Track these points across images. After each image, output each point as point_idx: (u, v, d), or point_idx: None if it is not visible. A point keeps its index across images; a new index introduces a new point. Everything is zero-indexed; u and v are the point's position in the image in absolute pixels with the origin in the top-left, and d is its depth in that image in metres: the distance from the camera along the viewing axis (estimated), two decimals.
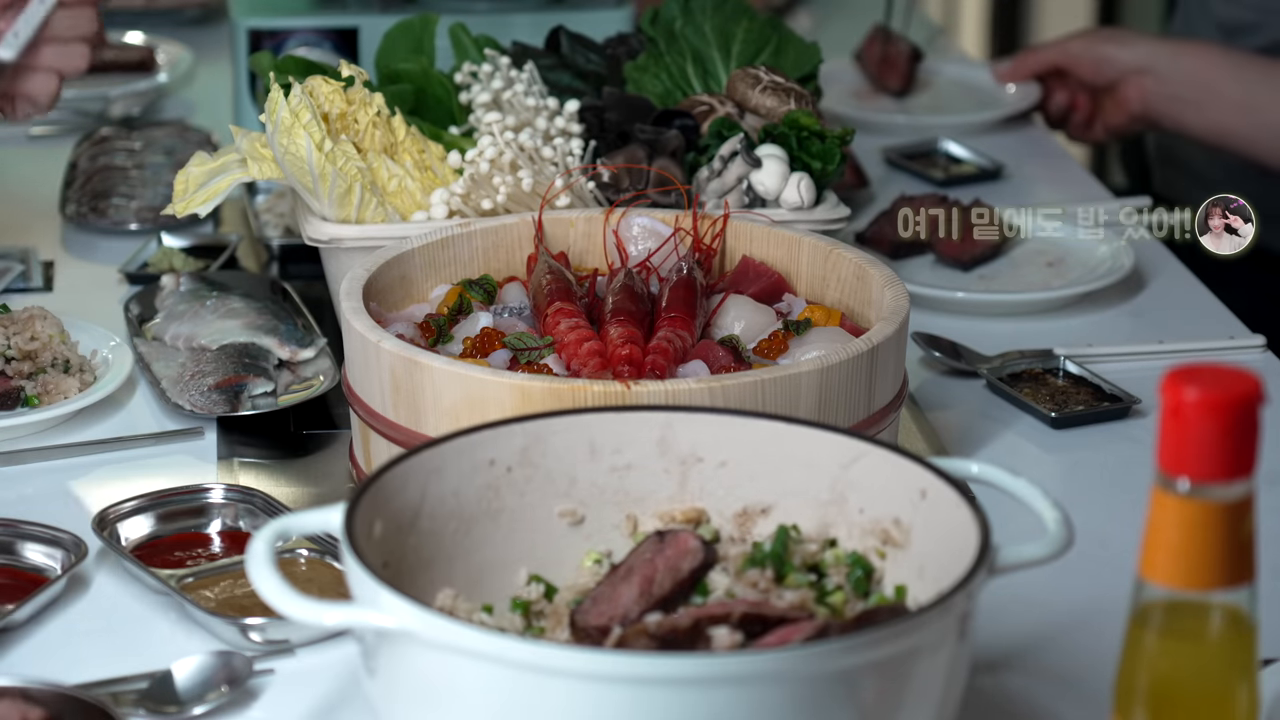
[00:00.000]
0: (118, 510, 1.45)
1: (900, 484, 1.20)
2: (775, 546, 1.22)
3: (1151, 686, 0.94)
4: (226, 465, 1.60)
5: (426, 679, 1.05)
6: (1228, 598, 0.93)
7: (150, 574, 1.37)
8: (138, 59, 2.83)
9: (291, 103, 1.67)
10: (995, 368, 1.75)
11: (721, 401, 1.33)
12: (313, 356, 1.76)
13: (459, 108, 1.88)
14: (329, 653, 1.28)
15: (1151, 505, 0.93)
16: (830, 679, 1.01)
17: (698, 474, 1.27)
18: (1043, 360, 1.77)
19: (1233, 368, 0.92)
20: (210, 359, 1.73)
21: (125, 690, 1.24)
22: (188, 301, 1.85)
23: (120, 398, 1.69)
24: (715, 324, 1.55)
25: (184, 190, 1.79)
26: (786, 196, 1.80)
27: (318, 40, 2.31)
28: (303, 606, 1.05)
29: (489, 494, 1.24)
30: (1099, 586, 1.36)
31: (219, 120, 2.48)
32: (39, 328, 1.70)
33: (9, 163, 2.48)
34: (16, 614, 1.33)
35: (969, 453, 1.62)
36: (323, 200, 1.70)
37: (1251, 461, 0.91)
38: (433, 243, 1.61)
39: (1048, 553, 1.12)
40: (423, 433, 1.38)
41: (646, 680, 0.99)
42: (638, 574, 1.17)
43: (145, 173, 2.28)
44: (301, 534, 1.14)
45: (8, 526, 1.43)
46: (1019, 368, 1.75)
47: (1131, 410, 1.68)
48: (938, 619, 1.04)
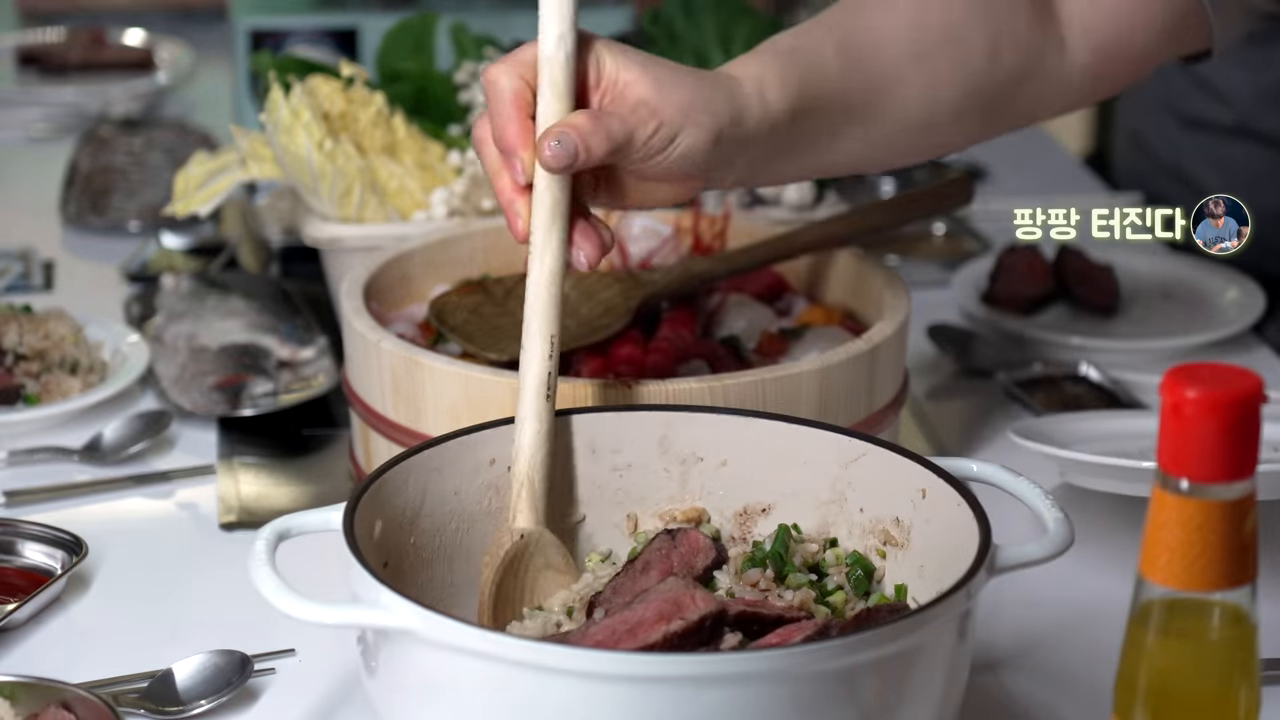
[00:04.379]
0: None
1: (901, 483, 1.20)
2: (775, 546, 1.22)
3: (1152, 686, 0.94)
4: (226, 465, 1.60)
5: (426, 678, 1.05)
6: (1228, 597, 0.93)
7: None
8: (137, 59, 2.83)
9: (291, 102, 1.67)
10: (1014, 370, 1.74)
11: (722, 401, 1.33)
12: (313, 356, 1.76)
13: (459, 107, 1.88)
14: (329, 653, 1.28)
15: (1152, 505, 0.93)
16: (830, 678, 1.01)
17: (698, 473, 1.27)
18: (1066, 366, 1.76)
19: (1234, 367, 0.92)
20: (210, 359, 1.73)
21: (125, 690, 1.24)
22: (188, 301, 1.85)
23: (121, 398, 1.69)
24: (715, 324, 1.55)
25: (184, 190, 1.80)
26: (787, 196, 1.80)
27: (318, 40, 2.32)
28: (303, 607, 1.05)
29: (489, 493, 1.24)
30: (1099, 586, 1.36)
31: (219, 120, 2.48)
32: (52, 327, 1.70)
33: (9, 163, 2.48)
34: (16, 614, 1.33)
35: (971, 453, 1.62)
36: (323, 200, 1.70)
37: (1252, 461, 0.91)
38: (433, 243, 1.61)
39: (1048, 553, 1.11)
40: (423, 432, 1.38)
41: (646, 679, 0.99)
42: (655, 567, 1.17)
43: (145, 173, 2.28)
44: (301, 534, 1.14)
45: (8, 526, 1.43)
46: (1039, 373, 1.75)
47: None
48: (938, 618, 1.04)
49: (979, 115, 1.40)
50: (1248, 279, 1.91)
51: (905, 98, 1.34)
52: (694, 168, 1.23)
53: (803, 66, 1.30)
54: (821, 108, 1.30)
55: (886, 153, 1.38)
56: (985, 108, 1.39)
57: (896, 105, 1.34)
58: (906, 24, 1.36)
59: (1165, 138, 2.37)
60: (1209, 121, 2.31)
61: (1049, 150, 2.51)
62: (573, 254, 1.21)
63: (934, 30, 1.36)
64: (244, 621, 1.31)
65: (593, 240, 1.22)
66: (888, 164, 1.42)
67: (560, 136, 1.18)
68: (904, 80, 1.34)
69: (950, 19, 1.37)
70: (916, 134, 1.37)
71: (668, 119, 1.21)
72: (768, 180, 1.34)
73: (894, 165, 1.43)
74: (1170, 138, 2.36)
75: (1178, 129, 2.36)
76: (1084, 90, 1.44)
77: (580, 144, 1.18)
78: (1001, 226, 2.11)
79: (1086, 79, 1.42)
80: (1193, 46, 1.45)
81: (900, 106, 1.34)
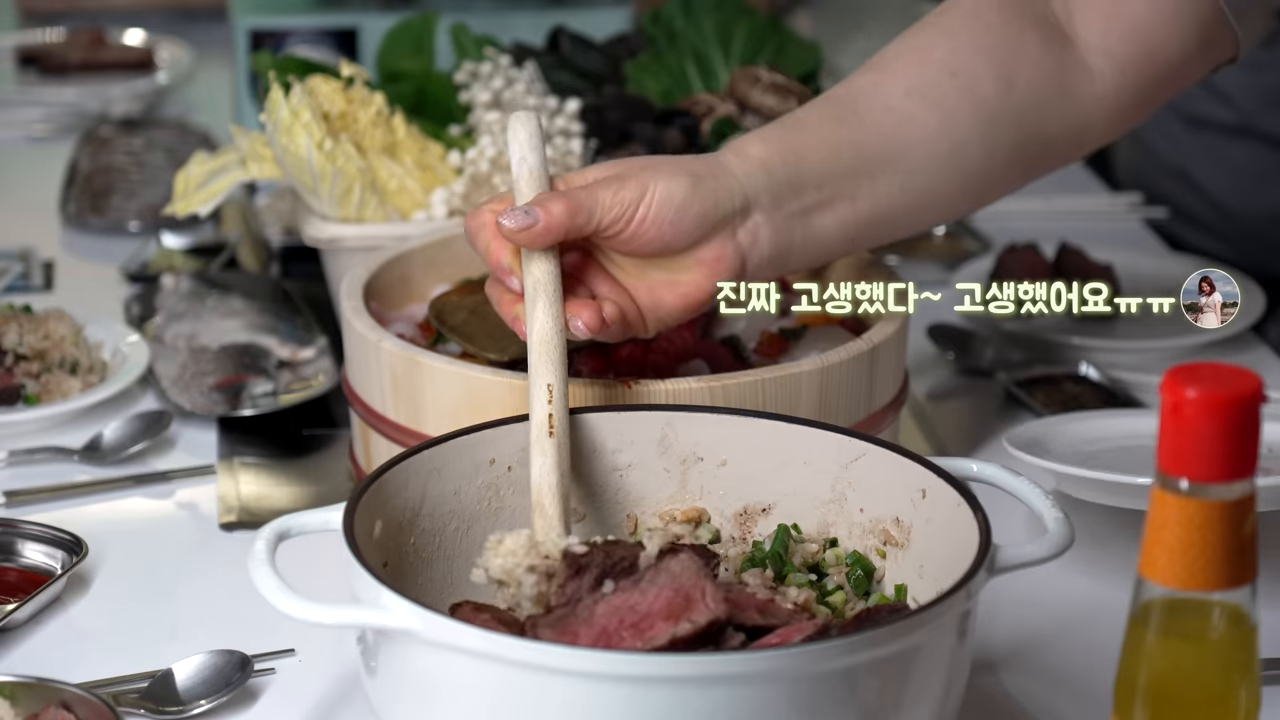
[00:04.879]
0: None
1: (901, 483, 1.20)
2: (775, 546, 1.22)
3: (1151, 686, 0.94)
4: (226, 465, 1.60)
5: (426, 678, 1.05)
6: (1228, 597, 0.93)
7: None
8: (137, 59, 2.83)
9: (292, 102, 1.67)
10: (1014, 370, 1.74)
11: (722, 401, 1.33)
12: (313, 356, 1.76)
13: (459, 107, 1.88)
14: (329, 653, 1.28)
15: (1152, 505, 0.93)
16: (831, 678, 1.01)
17: (698, 473, 1.27)
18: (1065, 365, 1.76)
19: (1234, 367, 0.92)
20: (210, 359, 1.73)
21: (125, 690, 1.24)
22: (188, 301, 1.85)
23: (121, 398, 1.69)
24: (715, 324, 1.55)
25: (184, 190, 1.80)
26: None
27: (318, 40, 2.32)
28: (303, 607, 1.05)
29: (489, 493, 1.24)
30: (1099, 586, 1.36)
31: (219, 120, 2.49)
32: (52, 327, 1.70)
33: (9, 163, 2.48)
34: (17, 614, 1.33)
35: (971, 453, 1.62)
36: (323, 200, 1.70)
37: (1252, 461, 0.91)
38: (433, 243, 1.61)
39: (1048, 553, 1.12)
40: (423, 432, 1.38)
41: (646, 679, 0.99)
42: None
43: (145, 173, 2.28)
44: (301, 534, 1.14)
45: (8, 526, 1.43)
46: (1039, 373, 1.74)
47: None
48: (938, 618, 1.04)
49: (1013, 149, 1.39)
50: (1248, 279, 1.91)
51: (922, 135, 1.34)
52: (693, 222, 1.26)
53: (783, 124, 1.33)
54: (824, 156, 1.31)
55: (928, 198, 1.37)
56: (1018, 140, 1.38)
57: (915, 144, 1.34)
58: (896, 72, 1.36)
59: (1167, 137, 2.37)
60: (1212, 121, 2.31)
61: None
62: (570, 323, 1.24)
63: (930, 69, 1.36)
64: (244, 621, 1.31)
65: (590, 309, 1.25)
66: (940, 215, 1.41)
67: (519, 209, 1.24)
68: (912, 118, 1.34)
69: (945, 56, 1.37)
70: (954, 174, 1.36)
71: (632, 174, 1.26)
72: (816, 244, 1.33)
73: (950, 216, 1.44)
74: (1172, 137, 2.36)
75: (1180, 128, 2.35)
76: (1124, 110, 1.43)
77: (540, 209, 1.24)
78: (1001, 226, 2.11)
79: (1123, 99, 1.41)
80: (1222, 56, 1.45)
81: (920, 146, 1.34)
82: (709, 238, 1.27)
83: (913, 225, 1.38)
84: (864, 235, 1.35)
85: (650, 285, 1.29)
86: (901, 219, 1.36)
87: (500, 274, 1.27)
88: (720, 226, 1.27)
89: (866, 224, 1.34)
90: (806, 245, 1.32)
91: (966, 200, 1.41)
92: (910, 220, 1.37)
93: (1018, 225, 2.11)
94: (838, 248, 1.35)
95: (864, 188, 1.32)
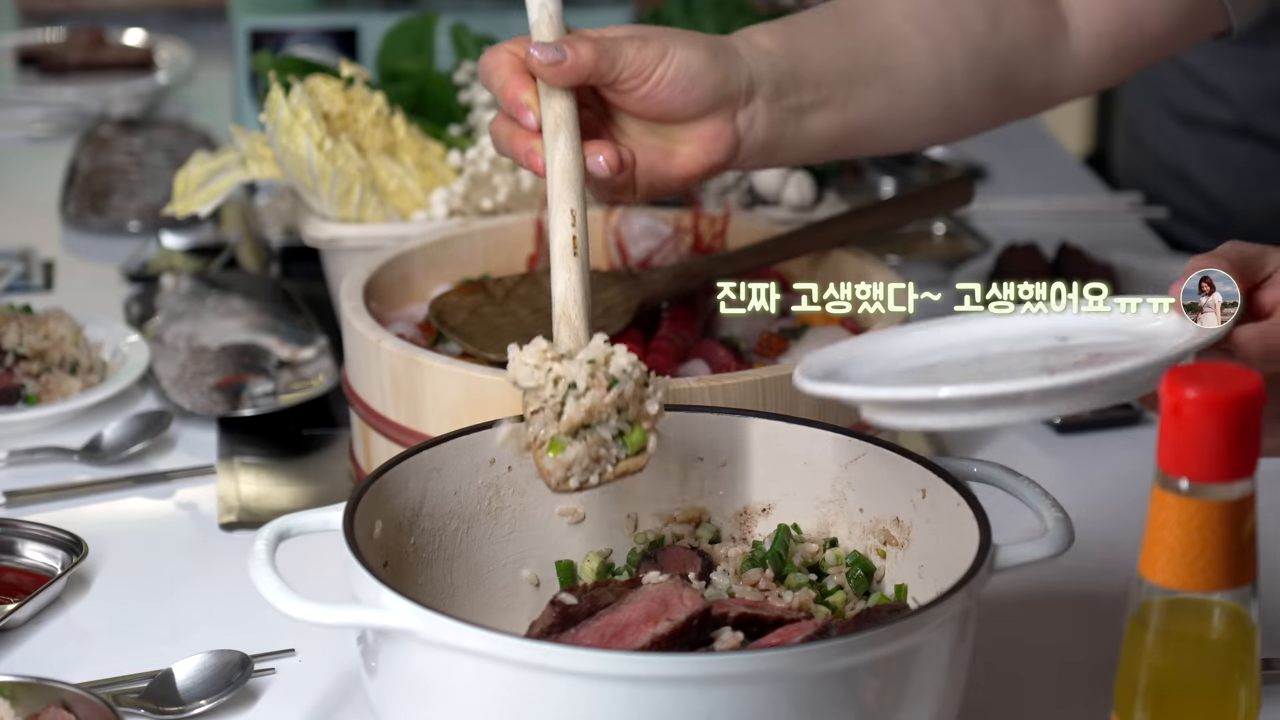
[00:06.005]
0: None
1: (900, 483, 1.20)
2: (775, 546, 1.22)
3: (1151, 686, 0.94)
4: (226, 465, 1.60)
5: (426, 678, 1.05)
6: (1228, 597, 0.93)
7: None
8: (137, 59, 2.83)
9: (292, 102, 1.67)
10: None
11: (722, 401, 1.33)
12: (313, 356, 1.76)
13: (459, 107, 1.88)
14: (329, 653, 1.28)
15: (1152, 505, 0.93)
16: (830, 678, 1.01)
17: (698, 473, 1.27)
18: None
19: (1234, 367, 0.92)
20: (210, 359, 1.73)
21: (125, 690, 1.24)
22: (188, 301, 1.85)
23: (121, 398, 1.69)
24: (715, 324, 1.55)
25: (184, 190, 1.80)
26: (787, 195, 1.80)
27: (318, 40, 2.32)
28: (303, 607, 1.05)
29: (489, 493, 1.24)
30: (1099, 586, 1.36)
31: (219, 120, 2.48)
32: (52, 327, 1.70)
33: (9, 163, 2.48)
34: (17, 614, 1.33)
35: (971, 453, 1.62)
36: (323, 200, 1.70)
37: (1252, 461, 0.91)
38: (433, 243, 1.61)
39: (1048, 553, 1.11)
40: (423, 432, 1.38)
41: (646, 679, 0.99)
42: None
43: (145, 173, 2.28)
44: (301, 534, 1.14)
45: (8, 526, 1.43)
46: None
47: (1142, 418, 1.67)
48: (938, 618, 1.04)
49: (993, 86, 1.44)
50: None
51: (914, 56, 1.40)
52: (704, 93, 1.29)
53: (788, 23, 1.38)
54: (825, 58, 1.36)
55: (912, 118, 1.42)
56: (998, 78, 1.44)
57: (907, 66, 1.40)
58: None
59: (1166, 137, 2.37)
60: (1210, 121, 2.31)
61: (1049, 150, 2.51)
62: (590, 161, 1.27)
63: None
64: (244, 621, 1.31)
65: (611, 148, 1.28)
66: (919, 137, 1.47)
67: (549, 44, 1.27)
68: (907, 39, 1.40)
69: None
70: (938, 98, 1.42)
71: (654, 36, 1.29)
72: (804, 142, 1.38)
73: (925, 141, 1.50)
74: (1171, 137, 2.36)
75: (1178, 128, 2.35)
76: (1096, 72, 1.48)
77: (569, 48, 1.26)
78: (1001, 226, 2.11)
79: (1096, 63, 1.47)
80: (1211, 29, 1.48)
81: (912, 69, 1.40)
82: (712, 113, 1.32)
83: (891, 143, 1.45)
84: (847, 143, 1.40)
85: (646, 150, 1.32)
86: (883, 134, 1.42)
87: (516, 110, 1.28)
88: (725, 104, 1.32)
89: (852, 132, 1.39)
90: (795, 142, 1.37)
91: (943, 127, 1.47)
92: (890, 137, 1.43)
93: (1018, 225, 2.12)
94: (820, 150, 1.40)
95: (855, 96, 1.38)
